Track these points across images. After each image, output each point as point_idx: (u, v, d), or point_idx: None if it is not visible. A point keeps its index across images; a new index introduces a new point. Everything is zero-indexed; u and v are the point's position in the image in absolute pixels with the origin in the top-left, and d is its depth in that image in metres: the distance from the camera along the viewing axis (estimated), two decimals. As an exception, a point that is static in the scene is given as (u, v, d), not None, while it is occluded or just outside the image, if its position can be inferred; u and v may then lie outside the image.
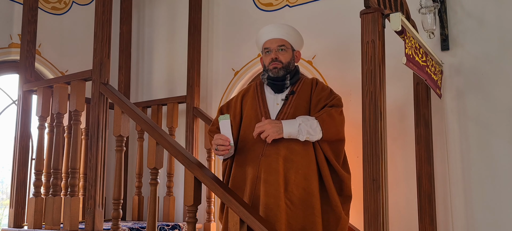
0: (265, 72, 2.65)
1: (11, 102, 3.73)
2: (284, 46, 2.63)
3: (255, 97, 2.65)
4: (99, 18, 2.93)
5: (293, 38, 2.68)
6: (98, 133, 2.82)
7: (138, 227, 3.08)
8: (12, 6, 3.61)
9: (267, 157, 2.43)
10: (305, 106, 2.56)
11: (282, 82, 2.60)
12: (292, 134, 2.42)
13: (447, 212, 2.85)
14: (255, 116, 2.57)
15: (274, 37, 2.64)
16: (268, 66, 2.62)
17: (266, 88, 2.67)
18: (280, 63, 2.59)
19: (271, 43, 2.63)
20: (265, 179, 2.39)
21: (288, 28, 2.69)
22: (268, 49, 2.64)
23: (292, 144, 2.44)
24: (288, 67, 2.62)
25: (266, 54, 2.65)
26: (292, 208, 2.37)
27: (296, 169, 2.42)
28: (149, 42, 4.24)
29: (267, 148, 2.45)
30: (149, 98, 4.08)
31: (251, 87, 2.73)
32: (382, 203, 1.93)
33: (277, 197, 2.35)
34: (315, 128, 2.43)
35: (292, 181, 2.40)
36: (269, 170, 2.40)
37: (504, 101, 2.78)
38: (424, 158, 2.84)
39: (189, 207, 2.39)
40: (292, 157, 2.43)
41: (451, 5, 2.99)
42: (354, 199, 2.54)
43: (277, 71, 2.59)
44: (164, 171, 3.72)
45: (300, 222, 2.37)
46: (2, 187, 5.32)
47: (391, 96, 2.85)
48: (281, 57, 2.60)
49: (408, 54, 2.21)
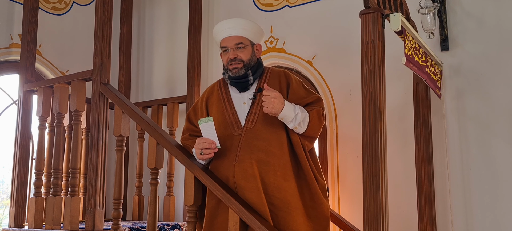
0: (226, 72, 2.52)
1: (12, 102, 3.73)
2: (242, 44, 2.47)
3: (220, 99, 2.52)
4: (99, 18, 2.93)
5: (251, 33, 2.51)
6: (99, 132, 2.82)
7: (138, 227, 3.09)
8: (12, 6, 3.61)
9: (241, 162, 2.32)
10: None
11: (245, 79, 2.47)
12: (287, 118, 2.32)
13: (446, 212, 2.86)
14: (223, 120, 2.44)
15: (230, 34, 2.48)
16: (227, 65, 2.49)
17: (231, 88, 2.53)
18: (240, 62, 2.45)
19: (228, 42, 2.47)
20: (244, 186, 2.29)
21: (245, 23, 2.51)
22: (225, 48, 2.49)
23: (266, 145, 2.35)
24: (249, 64, 2.48)
25: (224, 53, 2.51)
26: (276, 212, 2.28)
27: (274, 171, 2.32)
28: (150, 42, 4.25)
29: (241, 153, 2.34)
30: (150, 98, 4.09)
31: (215, 88, 2.59)
32: (381, 202, 1.94)
33: (260, 204, 2.25)
34: (305, 121, 2.37)
35: (272, 184, 2.30)
36: (246, 176, 2.30)
37: (504, 101, 2.78)
38: (423, 157, 2.84)
39: (189, 206, 2.40)
40: (268, 159, 2.32)
41: (451, 5, 2.99)
42: (354, 198, 2.54)
43: (237, 71, 2.45)
44: (164, 171, 3.73)
45: (285, 224, 2.28)
46: (3, 187, 5.32)
47: (391, 97, 2.85)
48: (240, 55, 2.46)
49: (408, 55, 2.21)
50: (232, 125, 2.42)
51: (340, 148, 3.24)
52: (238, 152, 2.34)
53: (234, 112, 2.45)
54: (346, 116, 3.25)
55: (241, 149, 2.34)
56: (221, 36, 2.51)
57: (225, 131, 2.42)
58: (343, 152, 3.23)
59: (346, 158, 3.22)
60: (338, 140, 3.25)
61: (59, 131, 3.01)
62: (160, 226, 3.21)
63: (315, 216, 2.35)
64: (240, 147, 2.35)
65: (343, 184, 3.18)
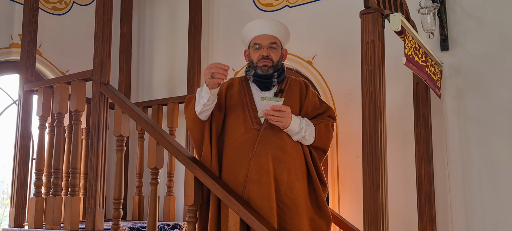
0: (252, 69, 2.56)
1: (12, 102, 3.74)
2: (276, 44, 2.55)
3: (241, 93, 2.56)
4: (99, 18, 2.93)
5: (283, 36, 2.60)
6: (99, 132, 2.82)
7: (138, 227, 3.09)
8: (12, 6, 3.61)
9: (257, 157, 2.36)
10: (295, 107, 2.50)
11: (269, 80, 2.53)
12: (292, 131, 2.40)
13: (446, 212, 2.86)
14: (243, 113, 2.49)
15: (266, 33, 2.55)
16: (256, 62, 2.53)
17: (252, 85, 2.59)
18: (270, 61, 2.52)
19: (263, 39, 2.54)
20: (257, 180, 2.32)
21: (280, 25, 2.61)
22: (258, 45, 2.54)
23: (283, 143, 2.40)
24: (277, 66, 2.55)
25: (256, 50, 2.55)
26: (285, 210, 2.32)
27: (289, 170, 2.36)
28: (150, 43, 4.25)
29: (258, 148, 2.38)
30: (150, 98, 4.09)
31: (235, 81, 2.63)
32: (382, 202, 1.94)
33: (270, 199, 2.29)
34: (310, 134, 2.45)
35: (285, 182, 2.34)
36: (260, 170, 2.33)
37: (504, 101, 2.78)
38: (423, 157, 2.85)
39: (189, 206, 2.40)
40: (284, 158, 2.37)
41: (451, 5, 2.99)
42: (354, 198, 2.55)
43: (267, 69, 2.51)
44: (164, 171, 3.73)
45: (292, 224, 2.31)
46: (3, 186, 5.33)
47: (391, 96, 2.85)
48: (272, 54, 2.53)
49: (408, 55, 2.21)
50: (251, 119, 2.47)
51: (340, 148, 3.25)
52: (256, 146, 2.39)
53: (254, 108, 2.50)
54: (346, 116, 3.25)
55: (258, 143, 2.39)
56: (256, 33, 2.56)
57: (244, 124, 2.46)
58: (343, 152, 3.23)
59: (346, 158, 3.22)
60: (338, 140, 3.26)
61: (59, 131, 3.01)
62: (160, 226, 3.21)
63: (319, 221, 2.39)
64: (258, 141, 2.39)
65: (343, 184, 3.18)
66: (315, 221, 2.38)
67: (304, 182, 2.40)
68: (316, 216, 2.38)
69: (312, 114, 2.55)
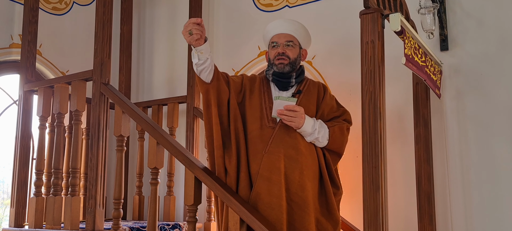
0: (270, 68, 2.59)
1: (12, 102, 3.74)
2: (292, 42, 2.58)
3: (261, 91, 2.58)
4: (99, 19, 2.94)
5: (301, 36, 2.63)
6: (99, 132, 2.83)
7: (138, 227, 3.09)
8: (13, 6, 3.61)
9: (270, 154, 2.38)
10: (312, 109, 2.53)
11: (287, 79, 2.56)
12: (305, 132, 2.42)
13: (446, 212, 2.86)
14: (260, 110, 2.51)
15: (282, 31, 2.60)
16: (273, 60, 2.57)
17: (271, 85, 2.62)
18: (287, 59, 2.54)
19: (279, 38, 2.58)
20: (268, 177, 2.34)
21: (298, 25, 2.64)
22: (275, 43, 2.59)
23: (297, 143, 2.41)
24: (295, 64, 2.58)
25: (273, 48, 2.59)
26: (295, 209, 2.34)
27: (301, 170, 2.38)
28: (150, 43, 4.25)
29: (271, 145, 2.40)
30: (150, 99, 4.09)
31: (257, 78, 2.65)
32: (381, 202, 1.94)
33: (279, 197, 2.31)
34: (324, 136, 2.46)
35: (297, 181, 2.36)
36: (271, 168, 2.35)
37: (504, 101, 2.79)
38: (423, 157, 2.85)
39: (190, 206, 2.40)
40: (297, 157, 2.39)
41: (451, 5, 2.99)
42: (354, 198, 2.55)
43: (283, 67, 2.54)
44: (164, 171, 3.73)
45: (301, 223, 2.33)
46: (3, 186, 5.33)
47: (391, 97, 2.86)
48: (288, 52, 2.55)
49: (408, 55, 2.21)
50: (267, 117, 2.49)
51: (340, 148, 3.24)
52: (269, 144, 2.40)
53: (271, 106, 2.51)
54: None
55: (272, 141, 2.40)
56: (273, 32, 2.61)
57: (260, 120, 2.48)
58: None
59: (345, 158, 3.22)
60: (338, 139, 3.25)
61: (59, 131, 3.01)
62: (160, 225, 3.21)
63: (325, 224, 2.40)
64: (272, 139, 2.40)
65: (343, 184, 3.17)
66: (322, 223, 2.39)
67: (315, 182, 2.42)
68: (323, 218, 2.39)
69: (328, 117, 2.56)
